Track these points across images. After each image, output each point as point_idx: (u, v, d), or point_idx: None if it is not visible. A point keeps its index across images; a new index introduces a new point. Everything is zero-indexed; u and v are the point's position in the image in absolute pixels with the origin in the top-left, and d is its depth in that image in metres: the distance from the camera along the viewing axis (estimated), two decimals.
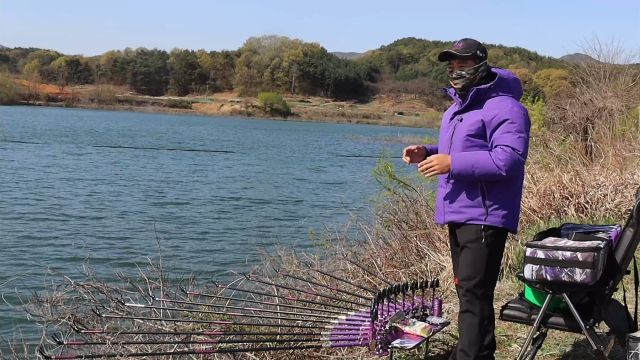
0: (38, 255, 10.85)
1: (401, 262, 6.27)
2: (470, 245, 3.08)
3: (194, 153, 37.23)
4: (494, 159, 2.95)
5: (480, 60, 3.13)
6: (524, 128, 3.01)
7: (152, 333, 3.91)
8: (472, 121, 3.08)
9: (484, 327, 3.08)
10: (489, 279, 3.09)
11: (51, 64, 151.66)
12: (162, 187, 21.01)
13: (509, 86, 3.15)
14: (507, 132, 2.98)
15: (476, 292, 3.07)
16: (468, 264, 3.09)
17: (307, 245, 7.20)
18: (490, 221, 3.04)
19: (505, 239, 3.17)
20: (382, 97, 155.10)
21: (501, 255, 3.24)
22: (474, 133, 3.06)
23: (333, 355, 3.88)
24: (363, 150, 47.06)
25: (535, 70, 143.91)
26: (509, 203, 3.07)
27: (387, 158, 7.65)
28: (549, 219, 7.18)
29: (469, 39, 3.18)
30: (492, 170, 2.95)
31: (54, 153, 31.23)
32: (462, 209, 3.10)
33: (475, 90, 3.10)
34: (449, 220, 3.18)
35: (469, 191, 3.08)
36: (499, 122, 3.01)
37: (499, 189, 3.05)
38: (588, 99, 14.97)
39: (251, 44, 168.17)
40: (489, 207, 3.04)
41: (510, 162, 2.93)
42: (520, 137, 2.97)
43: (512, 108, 3.04)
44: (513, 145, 2.95)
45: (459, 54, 3.11)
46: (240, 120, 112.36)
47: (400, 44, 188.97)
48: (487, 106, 3.08)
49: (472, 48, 3.13)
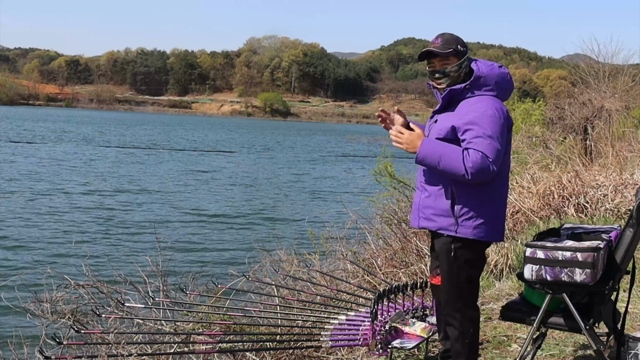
0: (38, 255, 10.85)
1: (401, 262, 6.27)
2: (441, 256, 2.96)
3: (193, 153, 37.21)
4: (464, 158, 2.75)
5: (462, 55, 2.93)
6: (495, 134, 2.78)
7: (152, 333, 3.92)
8: (443, 125, 2.91)
9: (468, 337, 2.99)
10: (464, 292, 2.97)
11: (51, 64, 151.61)
12: (162, 187, 21.00)
13: (490, 83, 2.91)
14: (478, 136, 2.78)
15: (454, 305, 2.98)
16: (443, 276, 2.98)
17: (307, 245, 7.20)
18: (461, 233, 2.87)
19: (482, 250, 3.00)
20: (382, 97, 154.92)
21: (479, 267, 3.04)
22: (442, 137, 2.87)
23: (333, 355, 3.88)
24: (363, 150, 47.04)
25: (535, 71, 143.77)
26: (482, 212, 2.87)
27: (387, 158, 7.66)
28: (548, 219, 7.18)
29: (445, 33, 2.97)
30: (457, 168, 2.76)
31: (54, 153, 31.22)
32: (433, 216, 2.95)
33: (449, 92, 2.92)
34: (422, 226, 3.04)
35: (439, 197, 2.92)
36: (469, 126, 2.81)
37: (469, 196, 2.86)
38: (587, 99, 14.97)
39: (251, 44, 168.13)
40: (458, 216, 2.87)
41: (479, 167, 2.73)
42: (491, 144, 2.76)
43: (485, 111, 2.81)
44: (485, 151, 2.74)
45: (440, 51, 2.90)
46: (240, 120, 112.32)
47: (400, 44, 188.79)
48: (460, 109, 2.89)
49: (452, 43, 2.92)
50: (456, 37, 2.96)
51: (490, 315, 4.46)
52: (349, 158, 40.28)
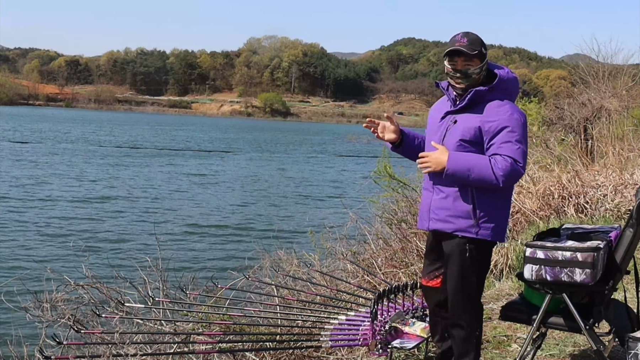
0: (38, 255, 10.85)
1: (401, 262, 6.26)
2: (454, 257, 2.93)
3: (193, 153, 37.19)
4: (493, 166, 2.76)
5: (484, 58, 2.90)
6: (523, 138, 2.83)
7: (151, 333, 3.91)
8: (468, 126, 2.86)
9: (475, 337, 3.02)
10: (475, 292, 3.00)
11: (51, 64, 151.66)
12: (162, 188, 21.00)
13: (508, 88, 2.93)
14: (507, 141, 2.80)
15: (463, 306, 2.99)
16: (454, 277, 2.96)
17: (307, 245, 7.20)
18: (481, 235, 2.88)
19: (492, 250, 3.04)
20: (382, 97, 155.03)
21: (488, 266, 3.12)
22: (468, 139, 2.85)
23: (333, 355, 3.88)
24: (363, 150, 47.04)
25: (535, 71, 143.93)
26: (499, 214, 2.91)
27: (386, 158, 7.65)
28: (548, 219, 7.17)
29: (470, 33, 2.91)
30: (489, 178, 2.78)
31: (54, 153, 31.20)
32: (449, 218, 2.91)
33: (474, 92, 2.87)
34: (434, 228, 2.99)
35: (458, 199, 2.88)
36: (498, 130, 2.81)
37: (490, 198, 2.87)
38: (586, 99, 14.96)
39: (251, 44, 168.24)
40: (479, 218, 2.86)
41: (510, 174, 2.77)
42: (520, 148, 2.80)
43: (511, 115, 2.83)
44: (514, 156, 2.77)
45: (468, 51, 2.84)
46: (240, 121, 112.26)
47: (400, 44, 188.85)
48: (486, 111, 2.86)
49: (478, 45, 2.87)
50: (480, 39, 2.92)
51: (490, 315, 4.46)
52: (349, 158, 40.28)
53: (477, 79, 2.90)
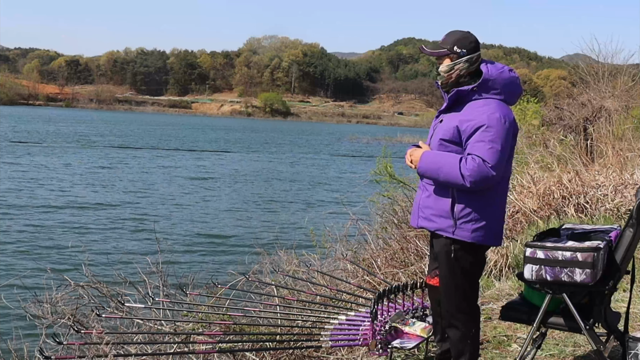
0: (38, 255, 10.85)
1: (401, 262, 6.27)
2: (441, 257, 2.95)
3: (193, 154, 37.21)
4: (461, 167, 2.73)
5: (459, 57, 2.86)
6: (499, 138, 2.73)
7: (152, 333, 3.92)
8: (449, 125, 2.87)
9: (471, 338, 3.00)
10: (467, 293, 2.98)
11: (51, 64, 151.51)
12: (162, 187, 21.00)
13: (498, 87, 2.86)
14: (480, 141, 2.74)
15: (458, 306, 2.97)
16: (443, 277, 2.97)
17: (307, 245, 7.20)
18: (458, 235, 2.84)
19: (481, 253, 2.98)
20: (382, 97, 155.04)
21: (479, 270, 3.04)
22: (447, 138, 2.85)
23: (333, 355, 3.88)
24: (363, 151, 47.04)
25: (535, 71, 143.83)
26: (482, 215, 2.84)
27: (386, 158, 7.66)
28: (548, 219, 7.17)
29: (453, 31, 2.91)
30: (456, 178, 2.74)
31: (53, 154, 31.20)
32: (432, 216, 2.92)
33: (456, 92, 2.87)
34: (421, 225, 3.01)
35: (439, 198, 2.88)
36: (474, 129, 2.77)
37: (471, 199, 2.83)
38: (586, 99, 14.96)
39: (251, 44, 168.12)
40: (457, 219, 2.83)
41: (477, 174, 2.70)
42: (493, 148, 2.72)
43: (492, 114, 2.77)
44: (483, 156, 2.71)
45: (429, 50, 2.91)
46: (240, 121, 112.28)
47: (400, 44, 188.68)
48: (466, 110, 2.84)
49: (447, 43, 2.87)
50: (458, 37, 2.89)
51: (490, 315, 4.46)
52: (349, 158, 40.28)
53: (448, 77, 2.91)
